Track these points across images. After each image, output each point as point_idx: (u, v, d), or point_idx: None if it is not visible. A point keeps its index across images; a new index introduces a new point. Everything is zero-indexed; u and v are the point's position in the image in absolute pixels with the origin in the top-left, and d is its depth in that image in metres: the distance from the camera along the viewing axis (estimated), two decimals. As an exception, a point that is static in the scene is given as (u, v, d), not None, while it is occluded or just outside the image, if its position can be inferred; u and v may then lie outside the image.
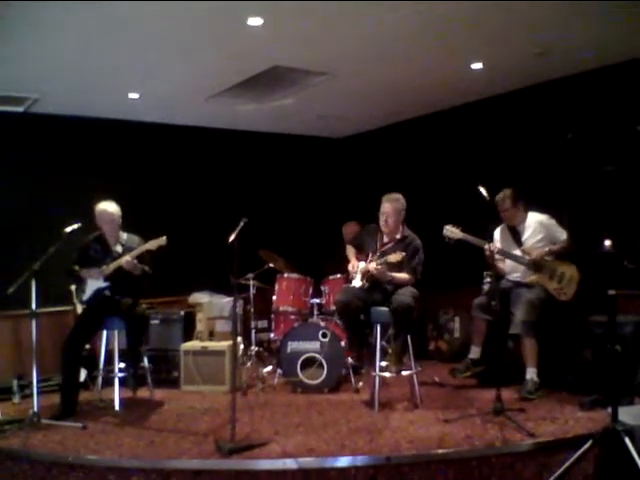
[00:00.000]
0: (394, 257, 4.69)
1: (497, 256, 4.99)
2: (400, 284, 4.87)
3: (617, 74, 5.20)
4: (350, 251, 5.29)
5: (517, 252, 5.08)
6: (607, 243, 3.30)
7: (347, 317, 4.97)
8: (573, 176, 3.48)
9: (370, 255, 5.06)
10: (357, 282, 4.99)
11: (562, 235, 4.98)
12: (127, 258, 4.84)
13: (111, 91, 5.69)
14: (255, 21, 4.24)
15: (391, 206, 5.02)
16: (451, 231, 5.03)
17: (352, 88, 5.97)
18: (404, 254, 4.70)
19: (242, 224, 4.27)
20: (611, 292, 3.31)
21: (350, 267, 5.12)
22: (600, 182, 3.34)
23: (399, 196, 5.08)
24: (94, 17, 4.06)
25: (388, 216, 5.01)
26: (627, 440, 3.06)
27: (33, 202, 6.11)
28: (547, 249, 4.98)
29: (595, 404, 4.24)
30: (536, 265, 4.97)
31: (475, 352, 5.22)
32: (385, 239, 5.10)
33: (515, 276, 5.14)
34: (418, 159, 7.19)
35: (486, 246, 4.86)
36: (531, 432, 3.80)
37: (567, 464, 3.29)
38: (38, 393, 4.47)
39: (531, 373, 4.76)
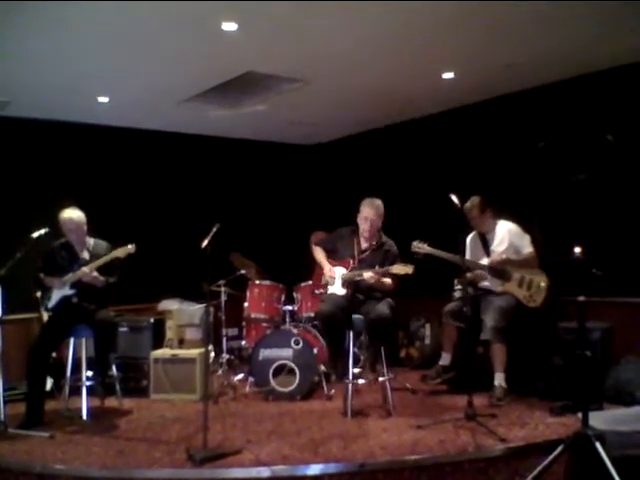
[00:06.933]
0: (399, 269, 4.55)
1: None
2: (382, 290, 4.81)
3: (585, 85, 5.32)
4: (320, 254, 5.15)
5: (484, 261, 5.13)
6: (577, 250, 3.35)
7: (330, 328, 4.84)
8: (544, 184, 3.52)
9: (351, 262, 4.94)
10: (339, 289, 4.89)
11: (525, 249, 5.02)
12: (84, 270, 4.75)
13: (80, 94, 5.60)
14: (229, 26, 4.22)
15: (375, 212, 4.92)
16: (418, 247, 5.06)
17: (325, 95, 5.99)
18: (412, 266, 4.57)
19: (215, 229, 4.22)
20: (581, 298, 3.36)
21: (327, 270, 4.97)
22: (571, 190, 3.39)
23: (380, 201, 5.00)
24: (64, 19, 4.01)
25: (372, 221, 4.90)
26: (598, 445, 3.10)
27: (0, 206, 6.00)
28: (504, 256, 5.03)
29: (565, 409, 4.31)
30: (495, 271, 5.03)
31: (446, 359, 5.24)
32: (363, 245, 5.00)
33: (485, 284, 5.19)
34: (390, 167, 7.23)
35: (468, 275, 4.91)
36: (503, 437, 3.84)
37: (539, 468, 3.31)
38: (4, 402, 4.37)
39: (499, 379, 4.81)
